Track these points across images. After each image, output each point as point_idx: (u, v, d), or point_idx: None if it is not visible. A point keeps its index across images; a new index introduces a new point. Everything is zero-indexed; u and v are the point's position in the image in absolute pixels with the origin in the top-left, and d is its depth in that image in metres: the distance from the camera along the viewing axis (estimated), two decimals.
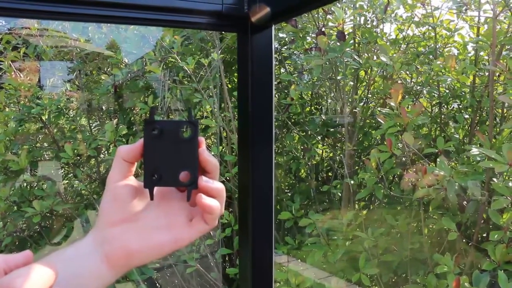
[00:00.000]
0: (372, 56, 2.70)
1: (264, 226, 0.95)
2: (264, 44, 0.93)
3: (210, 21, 0.93)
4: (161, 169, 0.54)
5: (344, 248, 2.31)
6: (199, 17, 0.92)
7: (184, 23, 0.94)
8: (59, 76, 3.58)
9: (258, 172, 0.93)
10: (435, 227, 2.34)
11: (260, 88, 0.92)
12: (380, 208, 2.68)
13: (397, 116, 2.12)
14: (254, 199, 0.94)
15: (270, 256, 0.96)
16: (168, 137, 0.54)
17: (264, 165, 0.93)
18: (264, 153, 0.93)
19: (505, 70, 1.92)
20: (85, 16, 0.84)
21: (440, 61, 2.39)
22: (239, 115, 0.97)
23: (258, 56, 0.92)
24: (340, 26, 2.42)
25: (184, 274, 2.74)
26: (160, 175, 0.54)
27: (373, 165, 2.26)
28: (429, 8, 2.63)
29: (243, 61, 0.94)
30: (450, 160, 2.38)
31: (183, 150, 0.54)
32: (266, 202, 0.95)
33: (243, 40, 0.94)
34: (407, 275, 2.26)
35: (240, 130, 0.97)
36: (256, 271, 0.96)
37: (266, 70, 0.91)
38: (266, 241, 0.96)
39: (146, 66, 2.79)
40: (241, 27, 0.93)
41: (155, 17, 0.90)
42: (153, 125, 0.54)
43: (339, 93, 2.73)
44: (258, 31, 0.92)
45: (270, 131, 0.92)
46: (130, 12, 0.87)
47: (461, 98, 2.61)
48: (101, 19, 0.91)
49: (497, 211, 1.79)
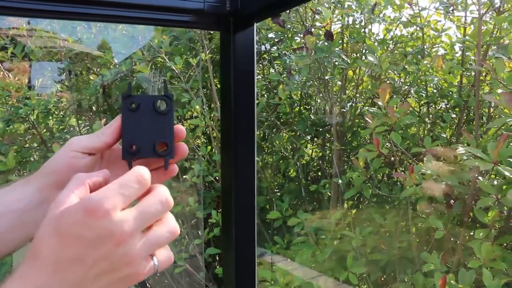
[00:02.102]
0: (360, 56, 2.71)
1: (247, 226, 0.96)
2: (246, 42, 0.93)
3: (192, 19, 0.93)
4: (138, 141, 0.56)
5: (333, 247, 2.32)
6: (181, 15, 0.93)
7: (166, 21, 0.94)
8: (49, 76, 3.56)
9: (241, 171, 0.93)
10: (423, 225, 2.35)
11: (242, 87, 0.92)
12: (369, 207, 2.69)
13: (384, 115, 2.13)
14: (236, 198, 0.94)
15: (253, 255, 0.97)
16: (145, 111, 0.57)
17: (246, 165, 0.93)
18: (246, 152, 0.93)
19: (491, 70, 1.94)
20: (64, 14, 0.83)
21: (428, 61, 2.41)
22: (221, 114, 0.97)
23: (241, 54, 0.92)
24: (328, 26, 2.43)
25: (173, 274, 2.73)
26: (138, 147, 0.56)
27: (361, 165, 2.27)
28: (417, 9, 2.65)
29: (225, 59, 0.94)
30: (438, 160, 2.40)
31: (159, 122, 0.57)
32: (248, 202, 0.95)
33: (225, 38, 0.95)
34: (395, 273, 2.27)
35: (222, 130, 0.97)
36: (239, 270, 0.96)
37: (248, 68, 0.92)
38: (249, 240, 0.96)
39: (135, 66, 2.79)
40: (223, 25, 0.94)
41: (136, 15, 0.90)
42: (130, 100, 0.57)
43: (327, 93, 2.74)
44: (240, 29, 0.92)
45: (252, 130, 0.92)
46: (111, 10, 0.87)
47: (448, 98, 2.63)
48: (82, 17, 0.90)
49: (483, 209, 1.80)
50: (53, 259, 0.43)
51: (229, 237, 0.95)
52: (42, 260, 0.43)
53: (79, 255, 0.43)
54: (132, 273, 0.46)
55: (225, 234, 0.98)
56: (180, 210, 2.73)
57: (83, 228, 0.43)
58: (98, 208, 0.43)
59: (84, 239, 0.43)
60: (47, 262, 0.43)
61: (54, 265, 0.43)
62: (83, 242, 0.43)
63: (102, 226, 0.43)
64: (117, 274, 0.45)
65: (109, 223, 0.43)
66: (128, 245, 0.45)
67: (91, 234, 0.43)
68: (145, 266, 0.47)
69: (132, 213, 0.45)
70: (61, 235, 0.43)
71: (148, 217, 0.47)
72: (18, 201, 0.58)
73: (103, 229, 0.43)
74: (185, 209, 2.72)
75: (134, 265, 0.46)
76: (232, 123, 0.91)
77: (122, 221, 0.44)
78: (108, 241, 0.44)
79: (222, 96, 0.98)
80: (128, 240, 0.45)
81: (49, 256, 0.43)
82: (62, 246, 0.43)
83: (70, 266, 0.43)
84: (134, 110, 0.57)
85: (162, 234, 0.48)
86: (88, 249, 0.43)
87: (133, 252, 0.45)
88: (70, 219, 0.44)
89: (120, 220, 0.44)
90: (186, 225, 2.84)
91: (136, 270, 0.46)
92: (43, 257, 0.43)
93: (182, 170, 2.70)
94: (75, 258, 0.43)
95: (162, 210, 0.48)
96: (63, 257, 0.43)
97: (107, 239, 0.44)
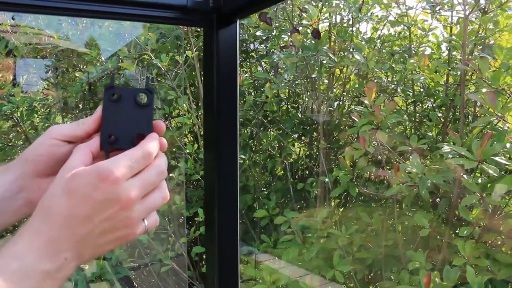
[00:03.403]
0: (348, 55, 2.71)
1: (230, 224, 0.95)
2: (229, 39, 0.92)
3: (175, 16, 0.93)
4: (117, 132, 0.57)
5: (319, 246, 2.32)
6: (164, 11, 0.92)
7: (148, 17, 0.93)
8: (34, 73, 3.52)
9: (224, 170, 0.92)
10: (409, 224, 2.37)
11: (225, 84, 0.92)
12: (355, 205, 2.70)
13: (371, 114, 2.13)
14: (219, 197, 0.93)
15: (236, 253, 0.96)
16: (126, 103, 0.58)
17: (229, 163, 0.92)
18: (229, 151, 0.92)
19: (476, 69, 1.95)
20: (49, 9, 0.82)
21: (415, 60, 2.42)
22: (204, 112, 0.97)
23: (224, 51, 0.92)
24: (315, 24, 2.43)
25: (160, 273, 2.72)
26: (116, 137, 0.57)
27: (347, 163, 2.28)
28: (404, 8, 2.66)
29: (208, 56, 0.93)
30: (424, 158, 2.41)
31: (139, 115, 0.58)
32: (231, 200, 0.94)
33: (208, 35, 0.94)
34: (381, 271, 2.28)
35: (205, 128, 0.97)
36: (222, 269, 0.95)
37: (231, 65, 0.91)
38: (232, 239, 0.95)
39: (121, 63, 2.76)
40: (206, 22, 0.93)
41: (121, 10, 0.89)
42: (112, 91, 0.58)
43: (314, 91, 2.74)
44: (223, 26, 0.92)
45: (235, 128, 0.92)
46: (96, 5, 0.86)
47: (435, 97, 2.65)
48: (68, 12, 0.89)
49: (467, 207, 1.82)
50: (64, 215, 0.49)
51: (212, 235, 0.94)
52: (53, 216, 0.49)
53: (88, 214, 0.49)
54: (129, 234, 0.53)
55: (208, 232, 0.98)
56: (167, 209, 2.71)
57: (94, 190, 0.49)
58: (110, 175, 0.49)
59: (94, 200, 0.49)
60: (58, 218, 0.49)
61: (64, 221, 0.49)
62: (92, 203, 0.49)
63: (111, 191, 0.50)
64: (117, 234, 0.52)
65: (117, 189, 0.50)
66: (130, 209, 0.52)
67: (100, 197, 0.49)
68: (139, 227, 0.54)
69: (137, 182, 0.52)
70: (73, 195, 0.49)
71: (148, 186, 0.54)
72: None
73: (111, 194, 0.50)
74: (172, 207, 2.70)
75: (132, 227, 0.53)
76: (215, 121, 0.90)
77: (129, 189, 0.51)
78: (114, 205, 0.50)
79: (204, 93, 0.97)
80: (131, 205, 0.51)
81: (60, 213, 0.49)
82: (73, 204, 0.49)
83: (79, 222, 0.49)
84: (116, 101, 0.58)
85: (157, 200, 0.55)
86: (96, 209, 0.50)
87: (133, 215, 0.52)
88: (83, 181, 0.49)
89: (127, 188, 0.51)
90: (173, 224, 2.82)
91: (132, 231, 0.54)
92: (54, 214, 0.49)
93: (168, 168, 2.69)
94: (84, 216, 0.49)
95: (159, 180, 0.55)
96: (73, 214, 0.49)
97: (114, 203, 0.50)
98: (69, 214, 0.49)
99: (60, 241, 0.48)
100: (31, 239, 0.48)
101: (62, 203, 0.49)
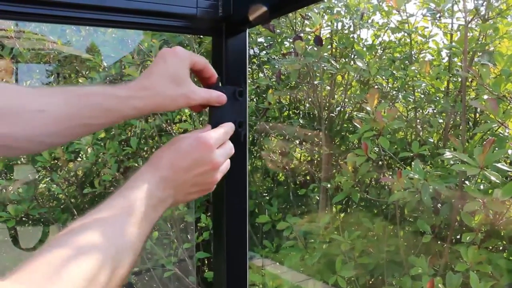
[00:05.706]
0: (349, 61, 2.73)
1: (238, 230, 0.96)
2: (238, 48, 0.94)
3: (185, 25, 0.94)
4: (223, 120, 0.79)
5: (321, 251, 2.33)
6: (173, 21, 0.93)
7: (158, 26, 0.94)
8: (37, 79, 3.53)
9: (232, 176, 0.93)
10: (411, 229, 2.38)
11: None
12: (357, 211, 2.71)
13: (373, 120, 2.15)
14: (228, 203, 0.94)
15: (244, 259, 0.97)
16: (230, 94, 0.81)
17: (238, 169, 0.93)
18: (237, 157, 0.94)
19: (477, 76, 1.97)
20: (57, 18, 0.83)
21: (415, 66, 2.44)
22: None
23: (232, 60, 0.93)
24: (317, 31, 2.45)
25: (162, 278, 2.72)
26: None
27: (349, 169, 2.29)
28: (405, 15, 2.68)
29: (217, 65, 0.94)
30: (425, 164, 2.43)
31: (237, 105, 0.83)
32: (240, 206, 0.95)
33: (217, 44, 0.95)
34: (383, 277, 2.29)
35: None
36: (231, 275, 0.96)
37: (240, 74, 0.92)
38: (240, 245, 0.96)
39: (124, 69, 2.77)
40: (215, 31, 0.94)
41: (129, 20, 0.90)
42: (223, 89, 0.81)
43: (316, 97, 2.76)
44: (232, 35, 0.93)
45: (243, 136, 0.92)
46: (105, 14, 0.87)
47: (436, 103, 2.66)
48: (75, 21, 0.90)
49: (469, 213, 1.83)
50: (170, 164, 0.66)
51: (221, 241, 0.95)
52: (163, 164, 0.66)
53: (187, 167, 0.67)
54: (209, 188, 0.72)
55: (216, 238, 0.99)
56: (170, 214, 2.72)
57: (193, 150, 0.67)
58: (207, 141, 0.68)
59: (192, 158, 0.67)
60: (167, 165, 0.66)
61: (171, 167, 0.66)
62: (191, 160, 0.67)
63: (206, 154, 0.68)
64: (203, 186, 0.71)
65: (210, 154, 0.68)
66: (216, 171, 0.70)
67: (197, 156, 0.68)
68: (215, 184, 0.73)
69: (223, 152, 0.71)
70: (178, 152, 0.67)
71: (227, 156, 0.73)
72: None
73: (206, 156, 0.68)
74: (174, 212, 2.71)
75: (213, 184, 0.72)
76: None
77: (218, 155, 0.70)
78: (207, 165, 0.68)
79: None
80: (217, 168, 0.70)
81: (168, 163, 0.66)
82: (177, 158, 0.67)
83: (180, 171, 0.66)
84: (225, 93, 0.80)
85: (228, 166, 0.74)
86: (193, 165, 0.67)
87: (217, 175, 0.71)
88: (186, 143, 0.68)
89: (217, 154, 0.69)
90: (175, 229, 2.83)
91: (212, 187, 0.72)
92: (163, 163, 0.66)
93: None
94: (184, 167, 0.67)
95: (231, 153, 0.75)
96: (177, 165, 0.66)
97: (207, 163, 0.68)
98: (173, 164, 0.66)
99: (168, 180, 0.65)
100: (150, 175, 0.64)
101: (170, 156, 0.67)
